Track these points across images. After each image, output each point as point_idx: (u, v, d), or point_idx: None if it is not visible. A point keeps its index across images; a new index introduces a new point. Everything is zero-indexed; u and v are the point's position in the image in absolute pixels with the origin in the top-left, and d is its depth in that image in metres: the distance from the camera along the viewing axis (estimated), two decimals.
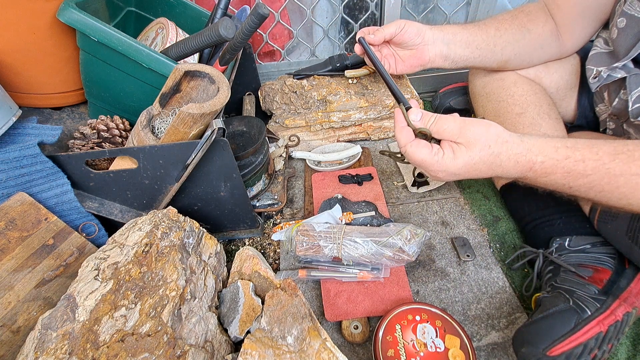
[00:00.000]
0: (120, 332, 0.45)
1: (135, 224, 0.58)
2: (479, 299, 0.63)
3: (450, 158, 0.44)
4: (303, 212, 0.83)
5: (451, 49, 0.68)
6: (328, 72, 0.99)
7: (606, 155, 0.41)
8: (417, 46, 0.68)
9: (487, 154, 0.44)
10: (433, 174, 0.47)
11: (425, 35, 0.67)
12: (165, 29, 0.75)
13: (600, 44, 0.65)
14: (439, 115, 0.46)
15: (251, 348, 0.44)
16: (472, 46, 0.68)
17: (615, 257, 0.58)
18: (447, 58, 0.69)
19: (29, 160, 0.57)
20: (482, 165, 0.44)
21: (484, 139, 0.44)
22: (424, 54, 0.69)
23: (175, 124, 0.55)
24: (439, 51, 0.68)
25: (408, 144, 0.47)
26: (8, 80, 0.66)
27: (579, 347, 0.48)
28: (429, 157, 0.45)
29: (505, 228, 0.76)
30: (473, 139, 0.44)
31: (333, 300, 0.63)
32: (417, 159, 0.46)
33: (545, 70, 0.74)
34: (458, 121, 0.45)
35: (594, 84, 0.64)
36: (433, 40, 0.67)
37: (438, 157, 0.45)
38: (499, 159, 0.44)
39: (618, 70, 0.60)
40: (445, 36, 0.67)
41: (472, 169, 0.45)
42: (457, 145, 0.45)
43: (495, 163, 0.44)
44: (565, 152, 0.43)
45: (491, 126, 0.45)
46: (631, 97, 0.57)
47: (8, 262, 0.53)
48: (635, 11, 0.56)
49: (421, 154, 0.46)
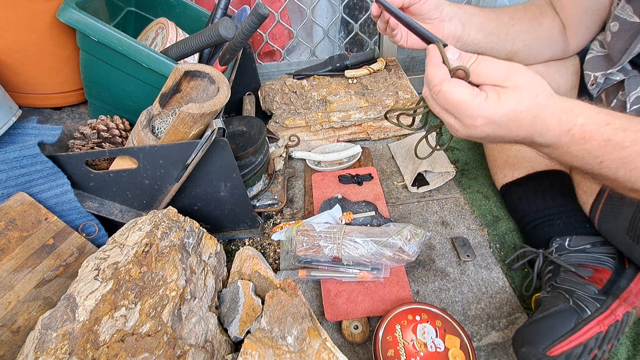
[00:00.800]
0: (120, 332, 0.45)
1: (135, 224, 0.58)
2: (479, 299, 0.63)
3: (495, 101, 0.38)
4: (303, 212, 0.83)
5: (466, 30, 0.64)
6: (328, 72, 0.99)
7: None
8: (434, 21, 0.62)
9: (535, 103, 0.38)
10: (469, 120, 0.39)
11: (444, 10, 0.61)
12: (165, 29, 0.75)
13: (597, 47, 0.65)
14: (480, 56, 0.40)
15: (251, 348, 0.44)
16: (486, 31, 0.65)
17: (615, 257, 0.58)
18: (459, 39, 0.65)
19: (29, 160, 0.57)
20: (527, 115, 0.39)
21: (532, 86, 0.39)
22: (439, 30, 0.63)
23: (175, 124, 0.55)
24: (453, 30, 0.63)
25: (445, 80, 0.39)
26: (8, 80, 0.66)
27: (579, 347, 0.48)
28: (469, 98, 0.38)
29: (505, 228, 0.76)
30: (520, 84, 0.38)
31: (333, 300, 0.63)
32: (453, 98, 0.39)
33: (547, 69, 0.74)
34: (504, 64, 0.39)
35: (593, 90, 0.64)
36: (450, 17, 0.62)
37: (480, 99, 0.38)
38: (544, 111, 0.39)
39: (616, 73, 0.60)
40: (462, 15, 0.63)
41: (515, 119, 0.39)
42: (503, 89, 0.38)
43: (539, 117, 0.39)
44: (605, 118, 0.39)
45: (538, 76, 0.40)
46: (629, 98, 0.57)
47: (8, 262, 0.53)
48: (627, 15, 0.55)
49: (460, 94, 0.38)
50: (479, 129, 0.40)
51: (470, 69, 0.39)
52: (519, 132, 0.40)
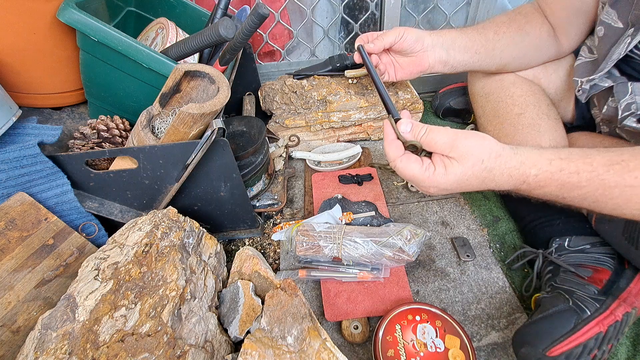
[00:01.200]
0: (120, 332, 0.45)
1: (135, 224, 0.58)
2: (479, 299, 0.64)
3: (442, 174, 0.43)
4: (303, 212, 0.83)
5: (450, 54, 0.68)
6: (328, 72, 0.99)
7: (600, 167, 0.41)
8: (417, 53, 0.67)
9: (480, 169, 0.42)
10: (424, 189, 0.46)
11: (425, 41, 0.66)
12: (165, 29, 0.75)
13: (585, 53, 0.65)
14: (429, 127, 0.45)
15: (251, 348, 0.44)
16: (472, 51, 0.68)
17: (614, 257, 0.58)
18: (446, 64, 0.69)
19: (29, 160, 0.57)
20: (474, 180, 0.43)
21: (477, 153, 0.42)
22: (424, 61, 0.68)
23: (175, 124, 0.55)
24: (438, 57, 0.68)
25: (398, 158, 0.46)
26: (8, 80, 0.65)
27: (579, 347, 0.48)
28: (419, 173, 0.44)
29: (505, 228, 0.76)
30: (466, 153, 0.42)
31: (333, 300, 0.63)
32: (407, 174, 0.45)
33: (544, 71, 0.74)
34: (450, 134, 0.43)
35: (581, 96, 0.65)
36: (432, 46, 0.67)
37: (429, 173, 0.44)
38: (492, 174, 0.43)
39: (604, 79, 0.60)
40: (444, 42, 0.67)
41: (464, 184, 0.44)
42: (449, 160, 0.43)
43: (488, 178, 0.43)
44: (559, 165, 0.42)
45: (485, 139, 0.43)
46: (620, 105, 0.57)
47: (8, 262, 0.53)
48: (611, 20, 0.56)
49: (411, 170, 0.45)
50: (433, 193, 0.47)
51: (420, 141, 0.45)
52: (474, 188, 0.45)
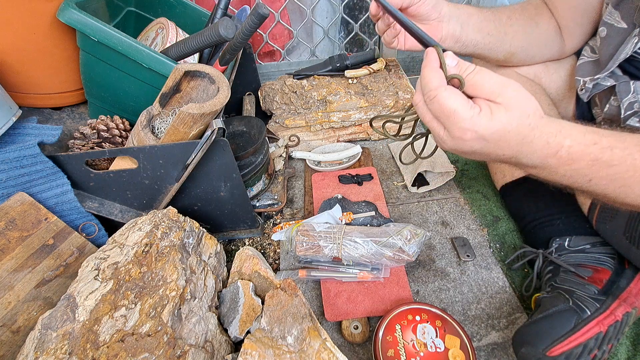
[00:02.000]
0: (120, 332, 0.45)
1: (135, 224, 0.58)
2: (479, 299, 0.63)
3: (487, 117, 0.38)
4: (303, 212, 0.83)
5: (464, 30, 0.63)
6: (328, 72, 0.99)
7: (633, 146, 0.38)
8: (432, 22, 0.61)
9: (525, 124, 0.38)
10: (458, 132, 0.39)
11: (442, 10, 0.60)
12: (165, 29, 0.75)
13: (587, 53, 0.65)
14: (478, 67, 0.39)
15: (251, 348, 0.44)
16: (484, 31, 0.65)
17: (614, 257, 0.58)
18: (458, 40, 0.64)
19: (29, 160, 0.57)
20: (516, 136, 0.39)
21: (525, 105, 0.38)
22: (437, 31, 0.62)
23: (175, 124, 0.55)
24: (452, 31, 0.63)
25: (441, 87, 0.38)
26: (8, 80, 0.65)
27: (579, 347, 0.48)
28: (463, 109, 0.38)
29: (505, 228, 0.76)
30: (515, 102, 0.38)
31: (333, 300, 0.63)
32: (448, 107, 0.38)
33: (545, 70, 0.74)
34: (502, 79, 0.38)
35: (583, 95, 0.64)
36: (449, 17, 0.62)
37: (474, 112, 0.38)
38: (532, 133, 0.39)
39: (606, 78, 0.60)
40: (460, 15, 0.63)
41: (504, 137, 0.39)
42: (496, 105, 0.38)
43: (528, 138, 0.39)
44: (592, 137, 0.39)
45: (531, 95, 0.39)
46: (623, 104, 0.57)
47: (8, 262, 0.53)
48: (614, 20, 0.55)
49: (455, 102, 0.38)
50: (467, 143, 0.39)
51: (466, 79, 0.39)
52: (506, 152, 0.40)
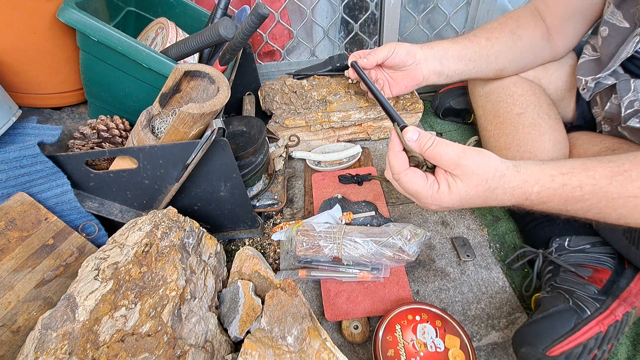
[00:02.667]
0: (120, 332, 0.45)
1: (135, 224, 0.58)
2: (479, 299, 0.64)
3: (446, 193, 0.43)
4: (303, 212, 0.83)
5: (444, 64, 0.68)
6: (328, 72, 0.99)
7: (603, 179, 0.41)
8: (410, 67, 0.67)
9: (484, 189, 0.42)
10: (425, 205, 0.46)
11: (416, 54, 0.66)
12: (165, 29, 0.75)
13: (589, 51, 0.65)
14: (437, 139, 0.44)
15: (251, 348, 0.44)
16: (465, 59, 0.68)
17: (614, 257, 0.58)
18: (441, 74, 0.69)
19: (29, 160, 0.57)
20: (476, 199, 0.43)
21: (482, 172, 0.42)
22: (417, 73, 0.68)
23: (175, 124, 0.55)
24: (432, 68, 0.68)
25: (403, 172, 0.45)
26: (8, 80, 0.65)
27: (579, 347, 0.48)
28: (423, 189, 0.44)
29: (505, 228, 0.76)
30: (471, 172, 0.42)
31: (333, 300, 0.63)
32: (411, 189, 0.45)
33: (544, 71, 0.74)
34: (457, 150, 0.43)
35: (585, 94, 0.65)
36: (425, 58, 0.67)
37: (433, 191, 0.44)
38: (495, 193, 0.43)
39: (607, 77, 0.60)
40: (436, 53, 0.67)
41: (466, 202, 0.44)
42: (453, 178, 0.43)
43: (491, 197, 0.43)
44: (561, 180, 0.42)
45: (490, 158, 0.43)
46: (623, 102, 0.57)
47: (8, 262, 0.53)
48: (616, 20, 0.56)
49: (416, 185, 0.44)
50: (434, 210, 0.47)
51: (425, 153, 0.45)
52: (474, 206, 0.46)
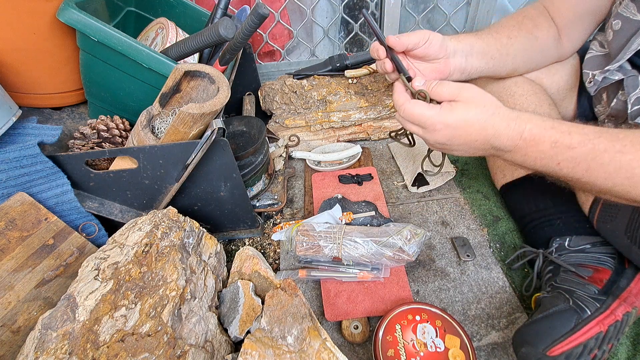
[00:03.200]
0: (120, 332, 0.45)
1: (135, 224, 0.58)
2: (479, 299, 0.63)
3: (448, 110, 0.47)
4: (303, 212, 0.83)
5: (469, 61, 0.64)
6: (328, 72, 0.99)
7: (591, 132, 0.44)
8: (441, 60, 0.61)
9: (482, 112, 0.46)
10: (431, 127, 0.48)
11: (448, 47, 0.60)
12: (165, 29, 0.75)
13: (596, 47, 0.65)
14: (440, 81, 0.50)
15: (251, 348, 0.44)
16: (487, 57, 0.65)
17: (615, 257, 0.58)
18: (464, 71, 0.64)
19: (29, 160, 0.57)
20: (476, 122, 0.47)
21: (481, 100, 0.47)
22: (447, 68, 0.62)
23: (175, 124, 0.55)
24: (458, 64, 0.63)
25: (406, 102, 0.50)
26: (8, 80, 0.65)
27: (579, 347, 0.48)
28: (426, 111, 0.48)
29: (505, 228, 0.76)
30: (471, 99, 0.47)
31: (333, 300, 0.63)
32: (414, 114, 0.49)
33: (546, 71, 0.74)
34: (457, 84, 0.49)
35: (591, 88, 0.64)
36: (454, 52, 0.62)
37: (435, 110, 0.48)
38: (492, 118, 0.46)
39: (615, 72, 0.60)
40: (463, 48, 0.62)
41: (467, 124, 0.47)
42: (455, 103, 0.48)
43: (489, 121, 0.46)
44: (551, 123, 0.46)
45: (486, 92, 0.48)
46: (630, 99, 0.57)
47: (8, 262, 0.53)
48: (630, 13, 0.56)
49: (419, 109, 0.49)
50: (440, 133, 0.48)
51: (430, 92, 0.50)
52: (476, 137, 0.48)
